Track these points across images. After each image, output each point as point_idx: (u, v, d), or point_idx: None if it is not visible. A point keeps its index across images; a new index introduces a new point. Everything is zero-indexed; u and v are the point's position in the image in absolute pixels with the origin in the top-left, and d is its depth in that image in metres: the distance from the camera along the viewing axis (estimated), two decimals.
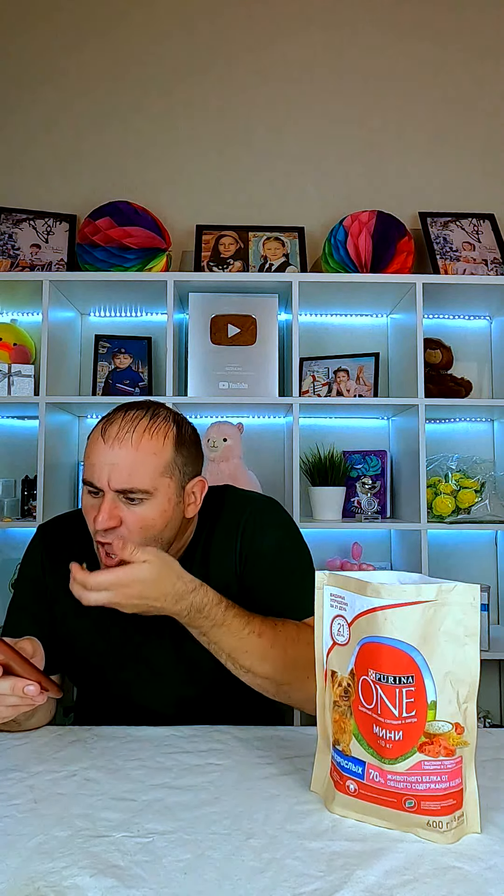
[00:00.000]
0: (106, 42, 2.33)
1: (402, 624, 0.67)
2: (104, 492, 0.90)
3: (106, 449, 0.90)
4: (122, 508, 0.90)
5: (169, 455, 0.92)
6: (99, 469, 0.90)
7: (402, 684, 0.66)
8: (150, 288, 2.02)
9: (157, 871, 0.59)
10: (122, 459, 0.89)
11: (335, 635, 0.72)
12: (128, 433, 0.91)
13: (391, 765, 0.66)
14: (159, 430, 0.93)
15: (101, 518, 0.88)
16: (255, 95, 2.33)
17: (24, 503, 2.09)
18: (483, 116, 2.33)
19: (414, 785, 0.65)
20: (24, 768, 0.80)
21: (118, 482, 0.89)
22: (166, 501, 0.92)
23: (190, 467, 0.97)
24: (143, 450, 0.90)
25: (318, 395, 2.14)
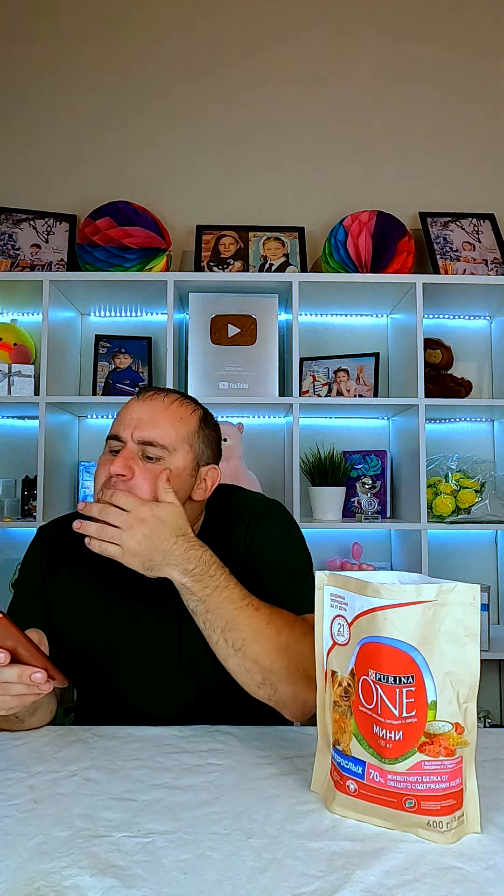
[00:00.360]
0: (106, 42, 2.33)
1: (402, 624, 0.66)
2: (125, 444, 0.93)
3: (138, 405, 0.96)
4: (137, 462, 0.92)
5: (193, 426, 0.98)
6: (127, 422, 0.94)
7: (403, 684, 0.66)
8: (151, 288, 2.02)
9: (157, 871, 0.59)
10: (151, 414, 0.95)
11: (335, 635, 0.72)
12: (161, 395, 0.98)
13: (391, 765, 0.66)
14: (188, 405, 1.00)
15: (117, 464, 0.91)
16: (256, 96, 2.33)
17: (24, 503, 2.09)
18: (483, 116, 2.33)
19: (414, 785, 0.65)
20: (24, 768, 0.80)
21: (142, 433, 0.93)
22: (180, 467, 0.95)
23: (209, 450, 1.01)
24: (171, 412, 0.96)
25: (319, 395, 2.14)
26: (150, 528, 0.85)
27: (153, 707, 1.01)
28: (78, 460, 2.21)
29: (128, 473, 0.91)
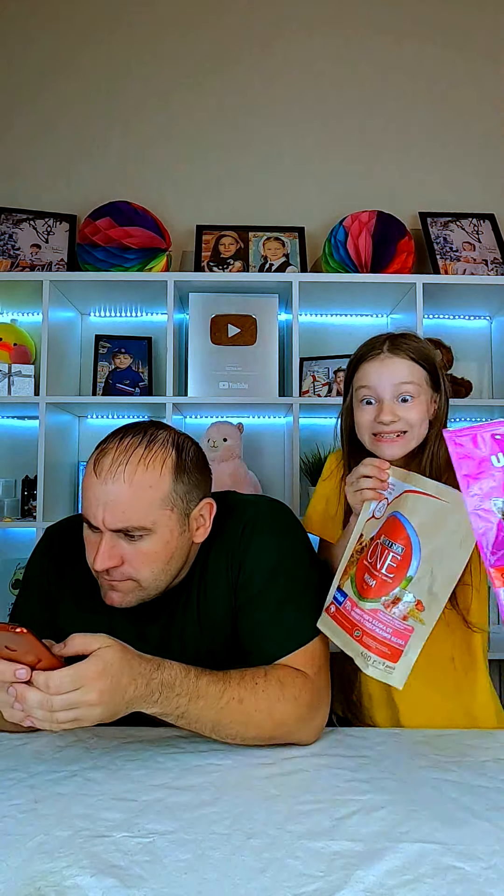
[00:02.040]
0: (106, 42, 2.33)
1: (420, 510, 0.84)
2: (101, 532, 0.85)
3: (99, 484, 0.84)
4: (122, 546, 0.85)
5: (167, 487, 0.86)
6: (94, 507, 0.84)
7: (393, 550, 0.84)
8: (151, 288, 2.02)
9: (158, 870, 0.59)
10: (116, 496, 0.83)
11: (375, 511, 0.92)
12: (120, 466, 0.84)
13: (361, 601, 0.84)
14: (156, 460, 0.86)
15: (100, 559, 0.84)
16: (256, 96, 2.33)
17: (24, 503, 2.09)
18: (483, 116, 2.33)
19: (367, 622, 0.83)
20: (25, 768, 0.80)
21: (113, 521, 0.84)
22: (168, 533, 0.87)
23: (194, 493, 0.90)
24: (137, 484, 0.84)
25: (319, 395, 2.14)
26: (108, 681, 0.73)
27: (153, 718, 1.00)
28: (78, 460, 2.21)
29: (115, 563, 0.85)
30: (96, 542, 0.86)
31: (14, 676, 0.72)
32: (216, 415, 2.13)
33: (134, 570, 0.86)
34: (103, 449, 0.87)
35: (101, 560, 0.84)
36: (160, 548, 0.86)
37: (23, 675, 0.72)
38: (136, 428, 0.89)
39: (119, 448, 0.86)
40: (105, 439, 0.89)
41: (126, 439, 0.87)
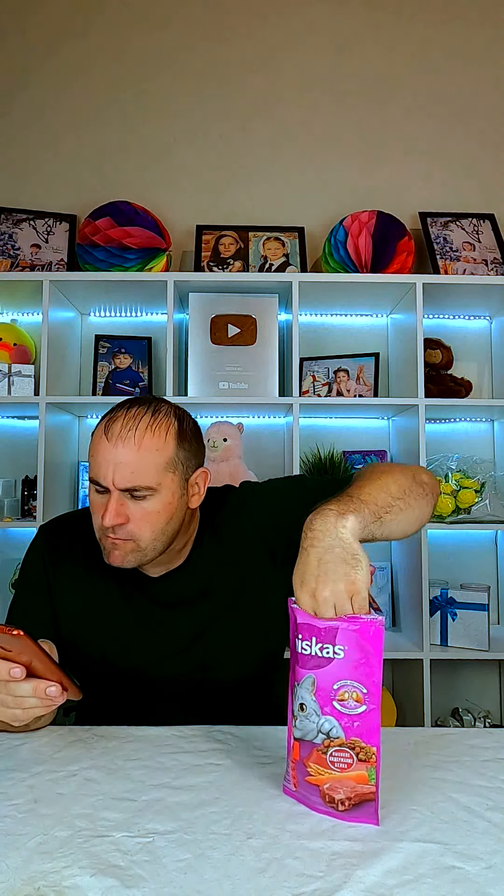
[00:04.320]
0: (105, 41, 2.33)
1: None
2: (110, 490, 0.91)
3: (110, 448, 0.91)
4: (127, 505, 0.92)
5: (171, 451, 0.94)
6: (104, 468, 0.91)
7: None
8: (150, 288, 2.02)
9: (158, 870, 0.59)
10: (126, 458, 0.90)
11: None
12: (130, 431, 0.91)
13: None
14: (161, 427, 0.94)
15: (109, 516, 0.90)
16: (256, 95, 2.33)
17: (24, 503, 2.09)
18: (483, 116, 2.33)
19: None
20: (24, 768, 0.80)
21: (122, 481, 0.90)
22: (170, 495, 0.94)
23: (193, 460, 0.98)
24: (145, 448, 0.91)
25: (319, 395, 2.14)
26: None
27: (157, 705, 1.01)
28: (78, 460, 2.21)
29: (122, 520, 0.91)
30: (103, 503, 0.92)
31: (9, 675, 0.75)
32: (216, 415, 2.13)
33: (137, 528, 0.92)
34: (112, 417, 0.94)
35: (109, 517, 0.90)
36: (161, 508, 0.93)
37: (17, 674, 0.75)
38: (141, 400, 0.97)
39: (128, 416, 0.93)
40: (112, 410, 0.96)
41: (133, 409, 0.94)
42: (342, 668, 0.68)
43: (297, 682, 0.70)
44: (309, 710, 0.69)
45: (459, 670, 2.14)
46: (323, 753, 0.69)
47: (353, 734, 0.68)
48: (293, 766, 0.71)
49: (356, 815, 0.68)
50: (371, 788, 0.68)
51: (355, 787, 0.68)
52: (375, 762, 0.68)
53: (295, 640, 0.72)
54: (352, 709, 0.68)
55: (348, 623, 0.68)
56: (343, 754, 0.68)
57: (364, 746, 0.68)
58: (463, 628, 1.92)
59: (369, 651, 0.68)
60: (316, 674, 0.69)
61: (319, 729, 0.69)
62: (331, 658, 0.68)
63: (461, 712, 2.04)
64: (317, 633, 0.69)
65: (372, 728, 0.68)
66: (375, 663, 0.68)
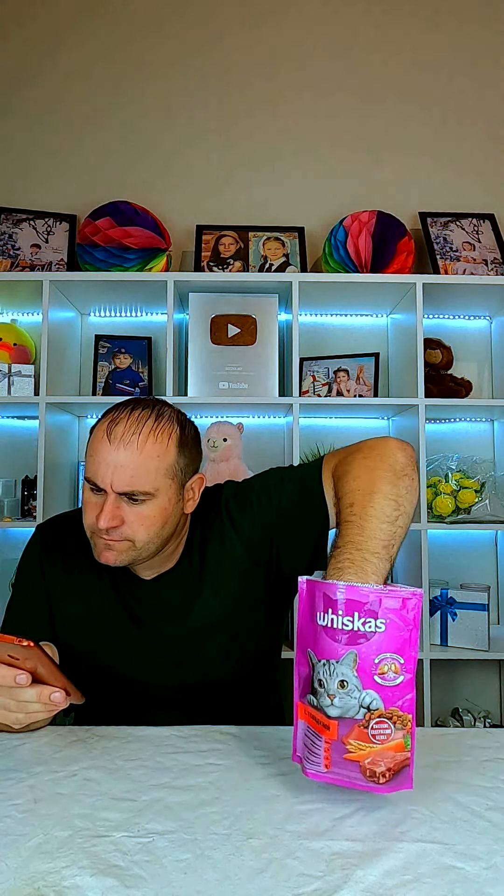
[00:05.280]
0: (105, 41, 2.33)
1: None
2: (107, 492, 0.90)
3: (111, 450, 0.90)
4: (123, 508, 0.91)
5: (172, 457, 0.93)
6: (103, 469, 0.90)
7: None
8: (150, 288, 2.02)
9: (158, 871, 0.59)
10: (126, 462, 0.89)
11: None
12: (133, 435, 0.90)
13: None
14: (164, 432, 0.92)
15: (104, 519, 0.89)
16: (256, 95, 2.33)
17: (24, 503, 2.09)
18: (483, 116, 2.33)
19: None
20: (24, 768, 0.80)
21: (121, 485, 0.89)
22: (167, 500, 0.93)
23: (191, 466, 0.98)
24: (147, 453, 0.90)
25: (318, 395, 2.14)
26: None
27: (153, 703, 1.01)
28: (78, 460, 2.21)
29: (117, 523, 0.90)
30: (98, 504, 0.91)
31: (15, 682, 0.75)
32: (216, 415, 2.13)
33: (132, 531, 0.91)
34: (115, 418, 0.92)
35: (104, 519, 0.89)
36: (157, 513, 0.92)
37: (23, 681, 0.75)
38: (144, 402, 0.96)
39: (131, 418, 0.92)
40: (114, 409, 0.94)
41: (136, 411, 0.93)
42: (384, 641, 0.68)
43: (337, 660, 0.69)
44: (350, 687, 0.68)
45: (459, 670, 2.14)
46: (364, 728, 0.68)
47: (391, 704, 0.68)
48: (328, 747, 0.69)
49: (394, 784, 0.68)
50: (407, 755, 0.68)
51: (395, 756, 0.68)
52: (411, 728, 0.68)
53: (317, 616, 0.71)
54: (391, 680, 0.68)
55: (391, 597, 0.69)
56: (382, 725, 0.68)
57: (401, 715, 0.68)
58: (463, 628, 1.92)
59: (410, 623, 0.69)
60: (357, 649, 0.69)
61: (361, 703, 0.68)
62: (373, 632, 0.68)
63: (461, 712, 2.04)
64: (359, 609, 0.69)
65: (409, 696, 0.68)
66: (415, 635, 0.69)
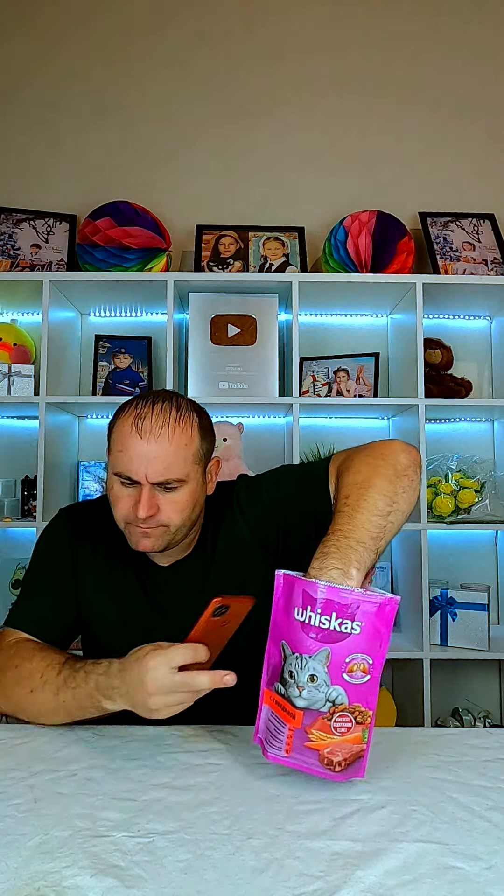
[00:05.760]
0: (105, 41, 2.33)
1: None
2: (142, 485, 0.94)
3: (142, 443, 0.94)
4: (157, 496, 0.95)
5: (197, 444, 0.99)
6: (136, 463, 0.94)
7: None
8: (150, 288, 2.02)
9: (158, 871, 0.59)
10: (159, 453, 0.94)
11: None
12: (162, 427, 0.95)
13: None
14: (187, 422, 0.98)
15: (143, 509, 0.93)
16: (256, 95, 2.33)
17: (24, 503, 2.09)
18: (483, 117, 2.33)
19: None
20: (24, 768, 0.80)
21: (156, 475, 0.94)
22: (196, 484, 0.99)
23: (210, 450, 1.04)
24: (176, 442, 0.95)
25: (318, 395, 2.14)
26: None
27: None
28: (78, 460, 2.21)
29: (154, 511, 0.95)
30: (131, 496, 0.95)
31: (222, 681, 0.77)
32: (216, 415, 2.12)
33: (167, 517, 0.96)
34: (140, 413, 0.96)
35: (143, 509, 0.93)
36: (189, 497, 0.98)
37: (230, 681, 0.77)
38: (161, 394, 1.00)
39: (155, 411, 0.96)
40: (132, 404, 0.98)
41: (158, 404, 0.97)
42: (358, 642, 0.72)
43: (310, 655, 0.72)
44: (319, 681, 0.72)
45: (459, 670, 2.14)
46: (328, 720, 0.72)
47: (355, 700, 0.72)
48: (290, 735, 0.73)
49: (348, 772, 0.73)
50: (363, 747, 0.73)
51: (351, 748, 0.72)
52: (370, 724, 0.73)
53: (294, 611, 0.75)
54: (359, 679, 0.72)
55: (369, 601, 0.72)
56: (344, 719, 0.72)
57: (363, 710, 0.72)
58: (463, 628, 1.92)
59: (383, 627, 0.72)
60: (331, 647, 0.72)
61: (328, 698, 0.72)
62: (348, 633, 0.72)
63: (461, 712, 2.04)
64: (337, 609, 0.72)
65: (372, 694, 0.73)
66: (386, 638, 0.73)
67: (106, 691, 0.83)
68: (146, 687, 0.78)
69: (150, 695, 0.78)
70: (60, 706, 0.89)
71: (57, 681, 0.89)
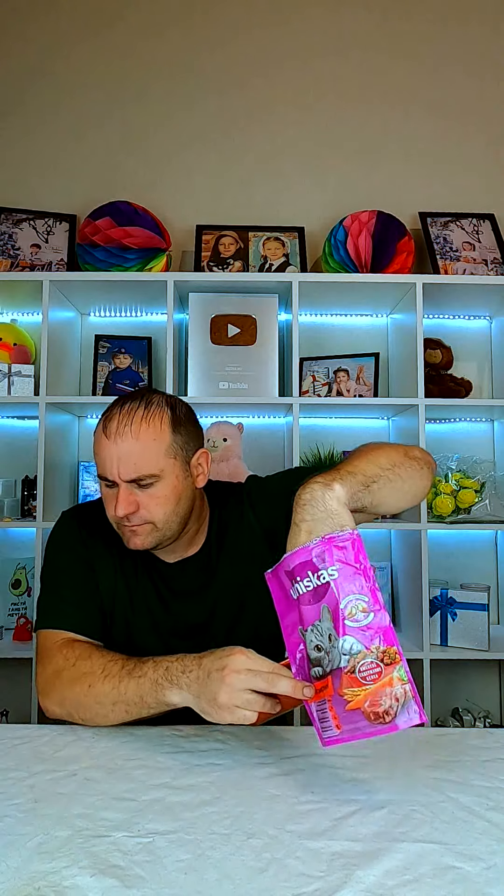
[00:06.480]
0: (105, 41, 2.33)
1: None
2: (118, 484, 0.96)
3: (110, 444, 0.96)
4: (136, 494, 0.97)
5: (168, 438, 0.99)
6: (109, 464, 0.96)
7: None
8: (150, 288, 2.02)
9: (158, 871, 0.59)
10: (126, 451, 0.95)
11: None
12: (126, 426, 0.97)
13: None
14: (155, 417, 0.98)
15: (120, 507, 0.95)
16: (255, 95, 2.33)
17: (24, 503, 2.09)
18: (483, 116, 2.33)
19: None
20: (24, 768, 0.80)
21: (127, 473, 0.95)
22: (175, 478, 0.99)
23: (191, 443, 1.03)
24: (143, 439, 0.96)
25: (318, 395, 2.14)
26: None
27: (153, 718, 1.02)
28: (78, 460, 2.21)
29: (133, 509, 0.96)
30: (114, 495, 0.97)
31: (303, 694, 0.75)
32: (216, 415, 2.13)
33: (149, 513, 0.97)
34: (109, 416, 1.00)
35: (120, 507, 0.95)
36: (169, 491, 0.98)
37: (308, 693, 0.75)
38: (134, 395, 1.03)
39: (122, 412, 0.99)
40: (108, 408, 1.02)
41: (126, 405, 1.00)
42: (340, 585, 0.72)
43: (316, 621, 0.73)
44: (335, 639, 0.71)
45: (459, 670, 2.14)
46: (352, 673, 0.71)
47: (370, 642, 0.71)
48: (331, 706, 0.72)
49: (403, 720, 0.69)
50: (406, 686, 0.70)
51: (392, 691, 0.70)
52: (401, 659, 0.70)
53: (290, 595, 0.76)
54: (361, 620, 0.71)
55: (331, 545, 0.73)
56: (370, 665, 0.70)
57: (386, 649, 0.70)
58: (463, 628, 1.92)
59: (356, 560, 0.73)
60: (325, 601, 0.72)
61: (341, 651, 0.71)
62: (327, 581, 0.72)
63: (461, 712, 2.04)
64: (309, 567, 0.73)
65: (385, 629, 0.71)
66: (367, 571, 0.73)
67: (175, 676, 0.82)
68: (223, 674, 0.77)
69: (223, 683, 0.76)
70: (120, 699, 0.87)
71: (120, 673, 0.88)
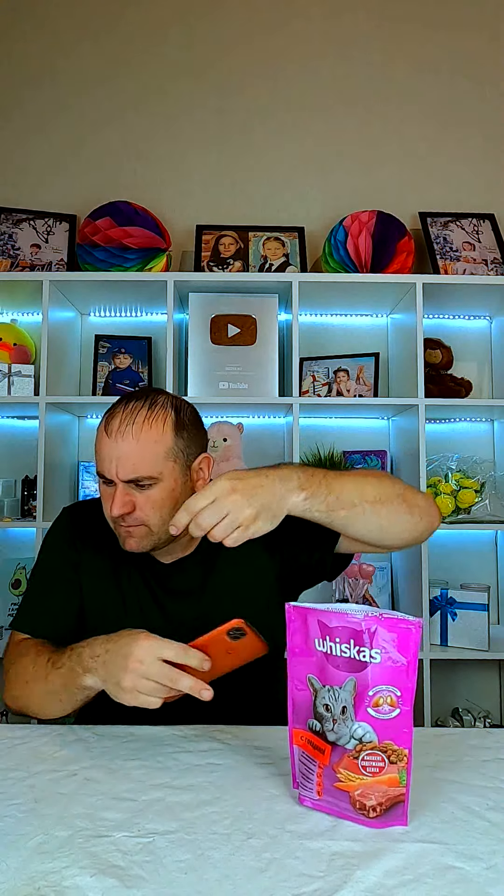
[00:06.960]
0: (105, 41, 2.33)
1: None
2: (115, 483, 0.96)
3: (111, 443, 0.96)
4: (133, 494, 0.96)
5: (170, 441, 0.97)
6: (107, 462, 0.96)
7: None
8: (150, 288, 2.02)
9: (158, 871, 0.59)
10: (126, 451, 0.95)
11: None
12: (128, 426, 0.95)
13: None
14: (158, 419, 0.97)
15: (116, 506, 0.95)
16: (255, 95, 2.33)
17: (24, 503, 2.09)
18: (483, 116, 2.33)
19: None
20: (24, 768, 0.80)
21: (125, 473, 0.95)
22: (173, 482, 0.98)
23: (193, 447, 1.01)
24: (144, 440, 0.95)
25: (318, 395, 2.14)
26: (239, 486, 0.83)
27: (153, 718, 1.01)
28: (78, 460, 2.21)
29: (128, 509, 0.96)
30: (111, 494, 0.96)
31: (200, 693, 0.76)
32: (216, 415, 2.13)
33: (145, 515, 0.97)
34: (112, 413, 0.99)
35: (116, 507, 0.95)
36: (166, 495, 0.97)
37: (207, 696, 0.76)
38: (139, 394, 1.01)
39: (126, 411, 0.97)
40: (112, 406, 1.01)
41: (131, 403, 0.98)
42: (378, 672, 0.66)
43: (340, 686, 0.67)
44: (347, 714, 0.67)
45: (459, 670, 2.14)
46: (355, 759, 0.66)
47: (385, 738, 0.66)
48: (320, 773, 0.68)
49: (386, 819, 0.66)
50: (401, 790, 0.66)
51: (386, 791, 0.66)
52: (407, 764, 0.66)
53: (314, 642, 0.70)
54: (386, 713, 0.65)
55: (385, 626, 0.66)
56: (375, 758, 0.66)
57: (396, 749, 0.66)
58: (463, 628, 1.92)
59: (407, 656, 0.65)
60: (356, 676, 0.67)
61: (352, 735, 0.66)
62: (367, 663, 0.66)
63: (461, 712, 2.04)
64: (354, 637, 0.67)
65: (405, 730, 0.66)
66: (412, 668, 0.66)
67: (87, 662, 0.83)
68: (128, 661, 0.77)
69: (127, 671, 0.77)
70: (51, 690, 0.89)
71: (46, 665, 0.90)
